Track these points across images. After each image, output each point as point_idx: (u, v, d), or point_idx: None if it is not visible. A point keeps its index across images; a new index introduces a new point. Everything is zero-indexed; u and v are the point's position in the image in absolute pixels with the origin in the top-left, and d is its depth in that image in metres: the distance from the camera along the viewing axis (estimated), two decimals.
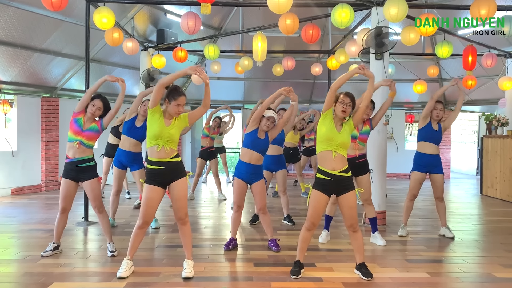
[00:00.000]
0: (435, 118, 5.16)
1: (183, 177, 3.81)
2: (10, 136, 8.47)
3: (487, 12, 5.25)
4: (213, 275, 3.91)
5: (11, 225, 5.85)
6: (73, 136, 4.30)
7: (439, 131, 5.21)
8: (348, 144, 3.78)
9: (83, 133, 4.30)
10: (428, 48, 10.18)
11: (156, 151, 3.70)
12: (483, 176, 9.30)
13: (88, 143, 4.35)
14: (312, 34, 6.62)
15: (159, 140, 3.68)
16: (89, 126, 4.33)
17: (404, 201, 5.53)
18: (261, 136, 4.59)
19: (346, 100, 3.72)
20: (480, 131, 13.11)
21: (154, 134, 3.67)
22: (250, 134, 4.59)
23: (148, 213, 3.77)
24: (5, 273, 3.94)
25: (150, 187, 3.74)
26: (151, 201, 3.75)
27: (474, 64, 7.60)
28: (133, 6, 8.22)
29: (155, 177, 3.74)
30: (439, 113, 5.15)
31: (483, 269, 4.23)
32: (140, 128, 5.37)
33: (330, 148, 3.69)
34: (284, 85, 4.57)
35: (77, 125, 4.31)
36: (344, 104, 3.70)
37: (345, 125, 3.76)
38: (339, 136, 3.69)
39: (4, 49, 7.22)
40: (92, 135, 4.35)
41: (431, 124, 5.18)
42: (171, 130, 3.70)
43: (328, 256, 4.51)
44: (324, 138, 3.72)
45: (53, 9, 5.10)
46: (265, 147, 4.65)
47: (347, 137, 3.74)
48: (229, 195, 8.31)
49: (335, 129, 3.71)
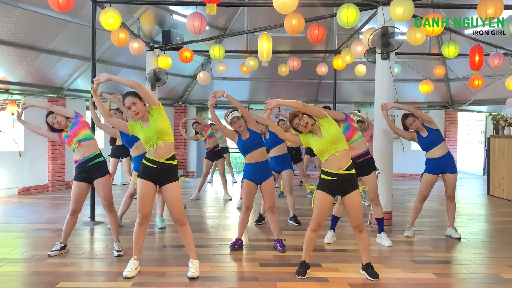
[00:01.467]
0: (416, 128, 5.08)
1: (175, 181, 3.82)
2: (17, 136, 8.53)
3: (494, 12, 5.21)
4: (219, 275, 3.92)
5: (19, 224, 5.90)
6: (70, 144, 4.41)
7: (431, 131, 5.06)
8: (338, 136, 3.68)
9: (71, 135, 4.37)
10: (434, 47, 10.13)
11: (153, 152, 3.73)
12: (490, 176, 9.23)
13: (83, 135, 4.39)
14: (317, 34, 6.61)
15: (150, 142, 3.72)
16: (64, 133, 4.44)
17: (410, 202, 5.51)
18: (246, 136, 4.57)
19: (295, 121, 3.73)
20: (487, 131, 13.02)
21: (144, 140, 3.74)
22: (239, 143, 4.60)
23: (144, 207, 3.80)
24: (13, 272, 3.98)
25: (144, 182, 3.77)
26: (146, 196, 3.78)
27: (481, 63, 7.55)
28: (139, 7, 8.25)
29: (148, 174, 3.77)
30: (414, 124, 5.04)
31: (490, 270, 4.20)
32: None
33: (330, 152, 3.68)
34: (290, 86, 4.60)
35: (66, 138, 4.42)
36: (299, 124, 3.72)
37: (320, 127, 3.73)
38: (325, 139, 3.66)
39: (11, 50, 7.27)
40: (76, 127, 4.39)
41: (420, 134, 5.11)
42: (153, 127, 3.70)
43: (333, 257, 4.50)
44: (320, 151, 3.72)
45: (59, 10, 5.13)
46: (257, 140, 4.60)
47: (332, 132, 3.66)
48: (235, 195, 8.32)
49: (317, 139, 3.70)
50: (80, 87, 9.29)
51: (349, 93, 12.42)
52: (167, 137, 3.75)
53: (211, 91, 12.01)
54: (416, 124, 5.05)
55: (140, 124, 3.76)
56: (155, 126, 3.69)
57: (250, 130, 4.56)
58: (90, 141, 4.42)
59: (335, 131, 3.69)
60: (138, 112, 3.68)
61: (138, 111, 3.68)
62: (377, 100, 5.96)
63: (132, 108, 3.67)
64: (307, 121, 3.72)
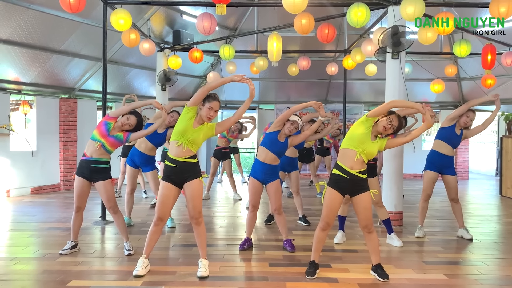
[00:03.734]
0: (462, 124, 5.08)
1: (197, 178, 3.83)
2: (29, 137, 8.64)
3: (507, 10, 5.15)
4: (228, 275, 3.93)
5: (31, 223, 5.97)
6: (97, 136, 4.35)
7: (460, 137, 5.14)
8: (372, 156, 3.79)
9: (108, 137, 4.35)
10: (446, 46, 10.03)
11: (176, 146, 3.75)
12: (502, 176, 9.12)
13: (109, 149, 4.40)
14: (327, 33, 6.59)
15: (181, 137, 3.73)
16: (115, 134, 4.39)
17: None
18: (281, 139, 4.59)
19: (395, 122, 3.70)
20: (500, 131, 12.86)
21: (179, 130, 3.74)
22: (271, 134, 4.60)
23: (162, 210, 3.82)
24: (25, 270, 4.03)
25: (165, 184, 3.80)
26: (165, 198, 3.80)
27: (493, 63, 7.45)
28: (149, 8, 8.30)
29: (170, 175, 3.80)
30: (468, 122, 5.08)
31: (502, 272, 4.15)
32: (161, 135, 5.42)
33: (356, 149, 3.68)
34: (300, 85, 4.60)
35: (105, 128, 4.36)
36: (390, 124, 3.69)
37: (378, 139, 3.77)
38: (370, 145, 3.71)
39: (24, 51, 7.36)
40: (115, 142, 4.40)
41: (455, 128, 5.11)
42: (196, 133, 3.75)
43: (343, 257, 4.48)
44: (356, 138, 3.71)
45: (71, 11, 5.19)
46: (282, 150, 4.65)
47: (375, 150, 3.76)
48: (244, 195, 8.33)
49: (369, 137, 3.72)
50: (91, 87, 9.37)
51: (359, 93, 12.35)
52: (195, 147, 3.81)
53: (221, 91, 12.05)
54: (468, 123, 5.09)
55: (193, 118, 3.77)
56: (198, 135, 3.76)
57: (287, 140, 4.63)
58: (107, 152, 4.44)
59: (374, 151, 3.77)
60: (211, 119, 3.81)
61: (211, 119, 3.81)
62: (388, 100, 5.91)
63: (211, 113, 3.76)
64: (387, 132, 3.74)
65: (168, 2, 8.07)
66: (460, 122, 5.09)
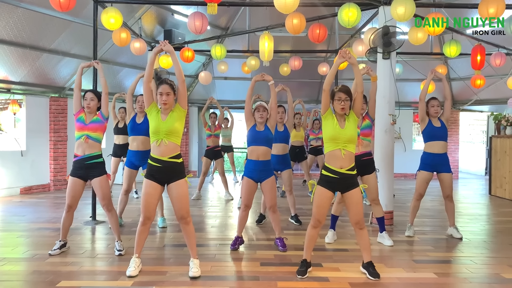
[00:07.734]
0: (434, 115, 5.12)
1: (182, 179, 3.82)
2: (19, 136, 8.56)
3: (495, 11, 5.20)
4: (220, 275, 3.92)
5: (20, 224, 5.91)
6: (79, 133, 4.39)
7: (443, 126, 5.13)
8: (355, 137, 3.76)
9: (87, 126, 4.38)
10: (436, 47, 10.11)
11: (156, 146, 3.74)
12: (491, 176, 9.22)
13: (95, 136, 4.40)
14: (319, 33, 6.61)
15: (157, 135, 3.73)
16: (91, 119, 4.43)
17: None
18: (260, 129, 4.60)
19: (342, 96, 3.70)
20: (489, 131, 13.00)
21: (152, 129, 3.75)
22: (250, 131, 4.63)
23: (147, 209, 3.79)
24: (14, 271, 3.98)
25: (148, 182, 3.78)
26: (149, 196, 3.78)
27: (482, 63, 7.53)
28: (140, 7, 8.26)
29: (154, 174, 3.78)
30: (437, 109, 5.11)
31: (491, 270, 4.19)
32: (142, 123, 5.40)
33: (338, 146, 3.69)
34: (291, 85, 4.62)
35: (80, 122, 4.41)
36: (341, 101, 3.70)
37: (347, 119, 3.75)
38: (345, 133, 3.69)
39: (13, 50, 7.29)
40: (97, 126, 4.42)
41: (432, 122, 5.13)
42: (168, 123, 3.72)
43: (334, 256, 4.50)
44: (330, 138, 3.72)
45: (61, 9, 5.15)
46: (267, 138, 4.62)
47: (353, 131, 3.73)
48: (236, 194, 8.33)
49: (338, 127, 3.71)
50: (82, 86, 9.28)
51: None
52: (175, 137, 3.77)
53: (212, 90, 12.03)
54: (438, 111, 5.11)
55: (159, 112, 3.77)
56: (171, 123, 3.72)
57: (266, 127, 4.62)
58: (97, 143, 4.44)
59: (354, 133, 3.73)
60: (166, 103, 3.73)
61: (166, 103, 3.73)
62: (378, 100, 5.94)
63: (163, 97, 3.72)
64: (346, 108, 3.71)
65: (159, 1, 8.03)
66: (432, 115, 5.13)
